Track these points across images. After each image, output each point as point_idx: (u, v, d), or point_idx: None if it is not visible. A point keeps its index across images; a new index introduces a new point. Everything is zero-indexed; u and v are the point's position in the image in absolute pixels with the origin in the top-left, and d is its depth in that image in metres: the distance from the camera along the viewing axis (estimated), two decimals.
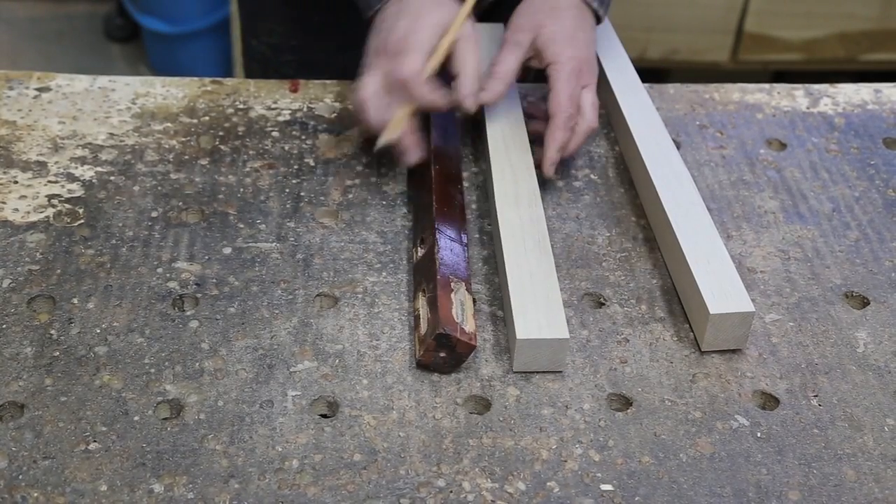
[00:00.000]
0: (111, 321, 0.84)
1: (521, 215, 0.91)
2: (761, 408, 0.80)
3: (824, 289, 0.91)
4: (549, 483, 0.73)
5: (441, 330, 0.78)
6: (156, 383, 0.79)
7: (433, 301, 0.82)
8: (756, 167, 1.05)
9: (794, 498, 0.73)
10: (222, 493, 0.71)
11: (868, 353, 0.85)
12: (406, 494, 0.72)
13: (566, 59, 0.97)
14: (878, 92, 1.18)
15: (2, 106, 1.07)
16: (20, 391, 0.78)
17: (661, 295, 0.89)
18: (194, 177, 1.00)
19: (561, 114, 0.96)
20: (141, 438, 0.75)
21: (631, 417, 0.79)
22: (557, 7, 1.00)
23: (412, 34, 0.91)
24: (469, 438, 0.76)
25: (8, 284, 0.86)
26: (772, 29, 2.36)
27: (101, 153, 1.02)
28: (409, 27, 0.92)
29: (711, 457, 0.76)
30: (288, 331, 0.84)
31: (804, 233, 0.97)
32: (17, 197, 0.95)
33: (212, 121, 1.07)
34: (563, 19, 0.99)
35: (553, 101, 0.97)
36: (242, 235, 0.93)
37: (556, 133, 0.96)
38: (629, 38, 1.23)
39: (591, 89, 0.99)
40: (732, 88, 1.17)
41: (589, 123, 0.98)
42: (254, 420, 0.77)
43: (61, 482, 0.71)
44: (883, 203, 1.01)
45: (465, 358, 0.80)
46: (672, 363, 0.83)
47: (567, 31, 0.99)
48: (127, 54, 2.74)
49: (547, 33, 0.98)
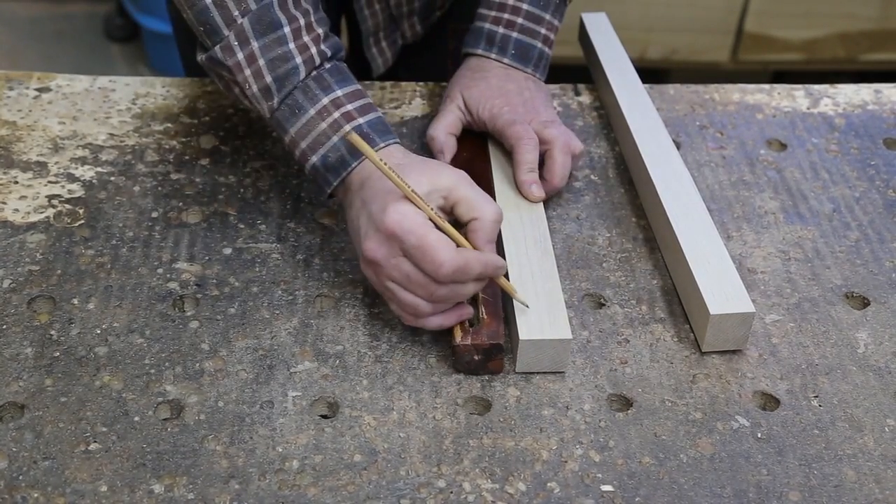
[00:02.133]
0: (111, 322, 0.84)
1: (521, 216, 0.91)
2: (762, 408, 0.80)
3: (825, 289, 0.91)
4: (550, 484, 0.73)
5: (501, 342, 0.79)
6: (156, 384, 0.79)
7: (493, 304, 0.82)
8: (756, 167, 1.05)
9: (795, 498, 0.73)
10: (222, 494, 0.71)
11: (868, 353, 0.85)
12: (406, 495, 0.72)
13: (499, 106, 0.98)
14: (879, 92, 1.18)
15: (2, 106, 1.07)
16: (20, 391, 0.78)
17: (662, 295, 0.89)
18: (195, 177, 1.00)
19: (520, 140, 0.95)
20: (141, 439, 0.75)
21: (631, 418, 0.79)
22: (482, 70, 1.01)
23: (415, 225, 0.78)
24: (469, 439, 0.76)
25: (8, 285, 0.86)
26: (772, 29, 2.36)
27: (101, 153, 1.02)
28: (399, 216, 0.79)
29: (712, 457, 0.76)
30: (288, 331, 0.84)
31: (804, 233, 0.97)
32: (18, 197, 0.95)
33: (212, 121, 1.07)
34: (487, 79, 1.00)
35: (510, 137, 0.96)
36: (243, 236, 0.93)
37: (521, 157, 0.94)
38: (629, 38, 1.23)
39: (555, 124, 0.97)
40: (732, 89, 1.17)
41: (563, 146, 0.96)
42: (254, 420, 0.77)
43: (61, 483, 0.71)
44: (883, 203, 1.01)
45: (483, 373, 0.81)
46: (672, 364, 0.83)
47: (493, 87, 0.99)
48: (127, 54, 2.73)
49: (474, 93, 0.99)
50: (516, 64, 1.01)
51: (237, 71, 0.84)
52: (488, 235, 0.80)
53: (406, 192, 0.77)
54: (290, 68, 0.84)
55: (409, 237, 0.76)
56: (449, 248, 0.76)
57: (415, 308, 0.79)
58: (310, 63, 0.85)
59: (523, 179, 0.94)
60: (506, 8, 1.01)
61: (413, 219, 0.77)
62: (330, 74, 0.85)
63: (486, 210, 0.80)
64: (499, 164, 0.98)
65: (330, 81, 0.85)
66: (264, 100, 0.85)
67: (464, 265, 0.76)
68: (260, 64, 0.84)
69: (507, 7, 1.01)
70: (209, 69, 0.88)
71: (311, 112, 0.84)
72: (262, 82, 0.84)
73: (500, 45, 1.01)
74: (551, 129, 0.96)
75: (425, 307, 0.79)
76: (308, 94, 0.84)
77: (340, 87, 0.85)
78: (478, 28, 1.03)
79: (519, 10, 1.01)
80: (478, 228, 0.80)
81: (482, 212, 0.80)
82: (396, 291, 0.79)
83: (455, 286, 0.78)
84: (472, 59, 1.03)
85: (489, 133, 1.00)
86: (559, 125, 0.98)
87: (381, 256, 0.78)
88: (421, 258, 0.76)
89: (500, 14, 1.02)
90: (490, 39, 1.02)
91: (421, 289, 0.78)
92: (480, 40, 1.02)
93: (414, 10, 1.19)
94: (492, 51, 1.02)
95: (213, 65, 0.86)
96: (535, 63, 1.02)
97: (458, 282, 0.78)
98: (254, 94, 0.85)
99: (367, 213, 0.80)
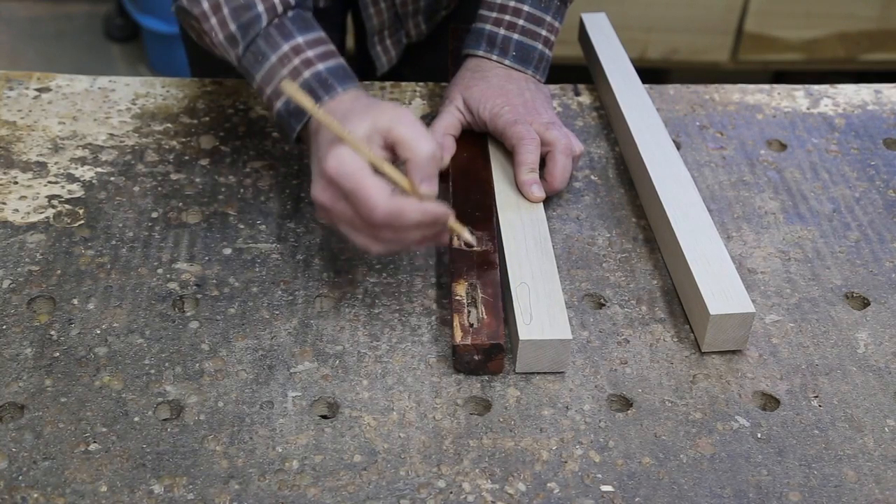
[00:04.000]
0: (111, 322, 0.84)
1: (521, 216, 0.91)
2: (762, 409, 0.80)
3: (825, 289, 0.91)
4: (550, 484, 0.73)
5: (501, 342, 0.79)
6: (156, 384, 0.79)
7: (493, 305, 0.82)
8: (756, 168, 1.05)
9: (795, 499, 0.73)
10: (222, 494, 0.71)
11: (868, 353, 0.85)
12: (406, 495, 0.72)
13: (500, 106, 0.98)
14: (879, 92, 1.18)
15: (2, 106, 1.07)
16: (20, 392, 0.77)
17: (662, 296, 0.89)
18: (194, 177, 1.00)
19: (522, 140, 0.95)
20: (141, 439, 0.75)
21: (631, 418, 0.79)
22: (483, 70, 1.01)
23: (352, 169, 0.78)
24: (469, 439, 0.76)
25: (8, 285, 0.86)
26: (772, 29, 2.36)
27: (101, 154, 1.02)
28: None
29: (712, 458, 0.76)
30: (288, 331, 0.84)
31: (804, 233, 0.97)
32: (18, 197, 0.95)
33: (212, 121, 1.07)
34: (488, 79, 1.00)
35: (511, 136, 0.96)
36: (242, 236, 0.93)
37: (522, 157, 0.94)
38: (629, 38, 1.23)
39: (556, 126, 0.98)
40: (732, 89, 1.17)
41: (564, 149, 0.96)
42: (254, 421, 0.76)
43: (61, 483, 0.71)
44: (883, 204, 1.01)
45: (483, 373, 0.81)
46: (672, 364, 0.83)
47: (493, 87, 0.99)
48: (127, 54, 2.73)
49: (475, 93, 0.99)
50: (517, 65, 1.01)
51: (203, 20, 0.88)
52: (423, 173, 0.79)
53: (345, 136, 0.78)
54: (253, 16, 0.87)
55: (344, 181, 0.77)
56: (382, 192, 0.76)
57: (366, 248, 0.81)
58: (272, 11, 0.88)
59: (524, 180, 0.94)
60: (507, 9, 1.01)
61: (349, 163, 0.77)
62: (292, 22, 0.88)
63: (419, 148, 0.79)
64: (499, 164, 0.98)
65: (291, 28, 0.88)
66: (231, 48, 0.89)
67: (397, 211, 0.76)
68: (224, 13, 0.88)
69: (507, 9, 1.01)
70: (182, 20, 0.92)
71: (272, 59, 0.87)
72: (226, 30, 0.88)
73: (501, 46, 1.01)
74: (553, 130, 0.96)
75: (376, 248, 0.80)
76: (269, 41, 0.87)
77: (301, 34, 0.87)
78: (478, 29, 1.03)
79: (520, 11, 1.01)
80: (412, 168, 0.79)
81: (416, 150, 0.79)
82: (348, 233, 0.81)
83: (397, 231, 0.78)
84: (472, 60, 1.03)
85: (489, 133, 1.00)
86: (560, 127, 0.98)
87: (327, 200, 0.80)
88: (356, 202, 0.77)
89: (501, 16, 1.02)
90: (491, 41, 1.02)
91: (366, 230, 0.79)
92: (481, 42, 1.02)
93: (419, 10, 1.19)
94: (493, 52, 1.02)
95: (182, 14, 0.90)
96: (536, 64, 1.02)
97: (395, 227, 0.78)
98: (220, 43, 0.89)
99: (316, 159, 0.82)
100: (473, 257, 0.87)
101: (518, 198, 0.94)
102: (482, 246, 0.88)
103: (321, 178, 0.80)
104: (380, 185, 0.77)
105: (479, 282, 0.84)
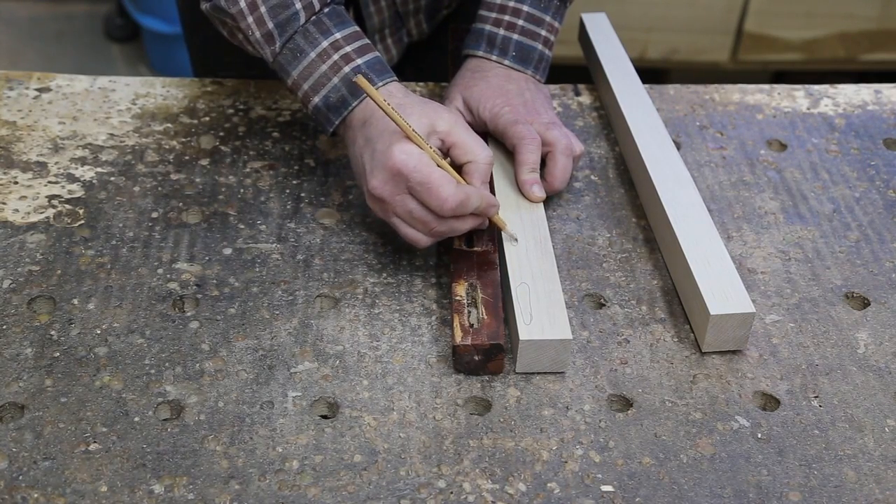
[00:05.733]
0: (111, 322, 0.84)
1: (522, 216, 0.91)
2: (762, 409, 0.80)
3: (825, 290, 0.91)
4: (550, 484, 0.73)
5: (501, 342, 0.79)
6: (156, 384, 0.79)
7: (493, 305, 0.82)
8: (756, 168, 1.05)
9: (795, 499, 0.73)
10: (222, 494, 0.71)
11: (868, 353, 0.85)
12: (406, 495, 0.72)
13: (500, 106, 0.98)
14: (879, 93, 1.18)
15: (2, 106, 1.07)
16: (20, 392, 0.77)
17: (662, 296, 0.89)
18: (195, 177, 1.00)
19: (523, 140, 0.95)
20: (141, 439, 0.75)
21: (631, 418, 0.79)
22: (483, 70, 1.02)
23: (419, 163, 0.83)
24: (469, 439, 0.76)
25: (8, 285, 0.86)
26: (772, 29, 2.36)
27: (101, 154, 1.02)
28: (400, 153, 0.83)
29: (712, 458, 0.76)
30: (288, 332, 0.84)
31: (804, 233, 0.97)
32: (18, 197, 0.95)
33: (212, 121, 1.07)
34: (488, 79, 1.01)
35: (512, 136, 0.96)
36: (243, 236, 0.93)
37: (523, 157, 0.95)
38: (629, 38, 1.23)
39: (557, 126, 0.98)
40: (732, 89, 1.17)
41: (564, 149, 0.96)
42: (254, 421, 0.76)
43: (61, 483, 0.71)
44: (883, 204, 1.01)
45: (483, 373, 0.81)
46: (672, 364, 0.83)
47: (493, 87, 1.00)
48: (127, 54, 2.74)
49: (475, 93, 1.00)
50: (517, 66, 1.02)
51: (240, 18, 0.90)
52: (483, 176, 0.87)
53: (408, 132, 0.83)
54: (291, 14, 0.89)
55: (414, 174, 0.82)
56: (451, 184, 0.82)
57: (415, 241, 0.86)
58: (309, 8, 0.89)
59: (524, 179, 0.94)
60: (506, 10, 1.02)
61: (418, 157, 0.82)
62: (329, 18, 0.90)
63: (480, 154, 0.87)
64: (499, 163, 0.98)
65: (329, 25, 0.89)
66: (267, 45, 0.90)
67: (465, 199, 0.83)
68: (262, 11, 0.89)
69: (507, 9, 1.02)
70: (213, 17, 0.93)
71: (311, 55, 0.89)
72: (264, 28, 0.89)
73: (500, 46, 1.01)
74: (553, 130, 0.96)
75: (425, 241, 0.86)
76: (308, 38, 0.89)
77: (339, 29, 0.90)
78: (478, 30, 1.03)
79: (519, 11, 1.01)
80: (473, 171, 0.86)
81: (476, 155, 0.87)
82: (399, 225, 0.85)
83: (453, 221, 0.84)
84: (472, 60, 1.03)
85: (489, 133, 1.00)
86: (560, 127, 0.98)
87: (387, 193, 0.84)
88: (426, 194, 0.82)
89: (501, 16, 1.02)
90: (491, 41, 1.02)
91: (422, 224, 0.84)
92: (481, 42, 1.02)
93: (420, 8, 1.19)
94: (492, 52, 1.02)
95: (217, 13, 0.91)
96: (536, 65, 1.02)
97: (458, 216, 0.84)
98: (257, 41, 0.90)
99: (371, 151, 0.85)
100: (473, 257, 0.87)
101: (518, 198, 0.94)
102: (482, 246, 0.88)
103: (383, 171, 0.83)
104: (448, 178, 0.83)
105: (479, 282, 0.84)
